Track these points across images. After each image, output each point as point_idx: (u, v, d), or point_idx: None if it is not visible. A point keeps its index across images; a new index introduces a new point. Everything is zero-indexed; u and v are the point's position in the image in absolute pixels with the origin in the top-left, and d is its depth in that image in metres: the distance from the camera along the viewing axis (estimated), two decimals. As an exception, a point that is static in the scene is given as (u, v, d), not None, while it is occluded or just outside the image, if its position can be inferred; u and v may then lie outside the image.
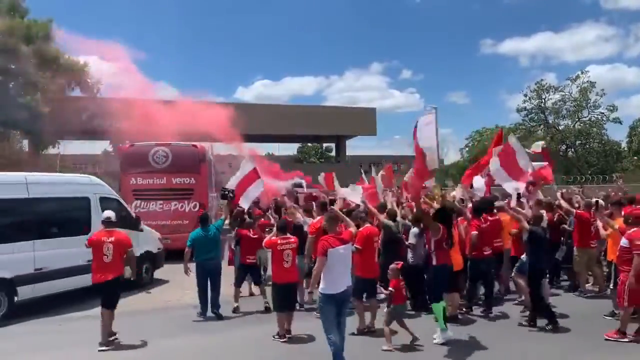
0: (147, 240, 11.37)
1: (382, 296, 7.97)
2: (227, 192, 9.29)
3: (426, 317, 7.66)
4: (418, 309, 8.09)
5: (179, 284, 10.49)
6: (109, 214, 7.38)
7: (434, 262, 6.96)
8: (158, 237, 12.12)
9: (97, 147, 40.13)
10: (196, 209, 13.91)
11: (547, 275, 8.33)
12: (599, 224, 8.53)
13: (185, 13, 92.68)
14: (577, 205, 10.06)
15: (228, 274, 9.09)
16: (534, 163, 10.95)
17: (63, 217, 9.53)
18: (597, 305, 8.32)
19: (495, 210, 8.75)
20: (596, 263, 9.44)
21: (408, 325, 6.68)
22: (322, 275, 5.47)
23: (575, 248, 9.24)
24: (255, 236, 8.67)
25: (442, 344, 6.59)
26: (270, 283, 7.50)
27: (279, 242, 7.04)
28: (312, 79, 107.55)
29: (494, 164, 10.51)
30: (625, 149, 47.73)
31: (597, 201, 9.41)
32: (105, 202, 9.98)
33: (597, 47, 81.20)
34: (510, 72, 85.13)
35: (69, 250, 9.00)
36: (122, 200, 11.28)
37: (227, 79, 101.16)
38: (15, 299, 8.38)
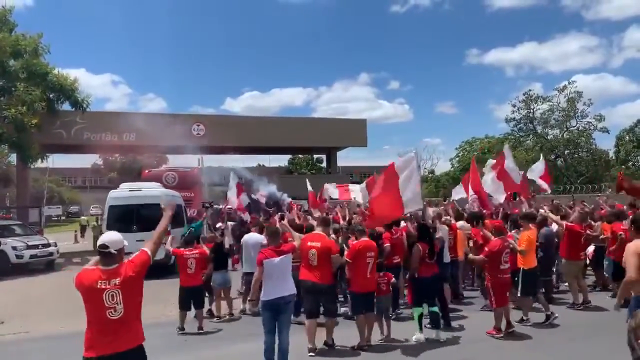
0: None
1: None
2: (205, 204, 12.33)
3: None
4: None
5: (163, 300, 10.35)
6: None
7: (416, 275, 7.51)
8: None
9: (85, 161, 40.00)
10: (195, 214, 17.78)
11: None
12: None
13: (173, 24, 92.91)
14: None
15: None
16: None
17: (175, 217, 13.98)
18: (589, 317, 8.37)
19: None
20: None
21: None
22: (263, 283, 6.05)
23: (564, 260, 9.25)
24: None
25: (418, 343, 7.05)
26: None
27: (185, 252, 8.29)
28: (301, 90, 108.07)
29: (488, 174, 10.63)
30: (613, 158, 48.23)
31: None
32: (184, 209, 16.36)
33: (582, 57, 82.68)
34: (497, 81, 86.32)
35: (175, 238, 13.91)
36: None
37: (215, 90, 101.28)
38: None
